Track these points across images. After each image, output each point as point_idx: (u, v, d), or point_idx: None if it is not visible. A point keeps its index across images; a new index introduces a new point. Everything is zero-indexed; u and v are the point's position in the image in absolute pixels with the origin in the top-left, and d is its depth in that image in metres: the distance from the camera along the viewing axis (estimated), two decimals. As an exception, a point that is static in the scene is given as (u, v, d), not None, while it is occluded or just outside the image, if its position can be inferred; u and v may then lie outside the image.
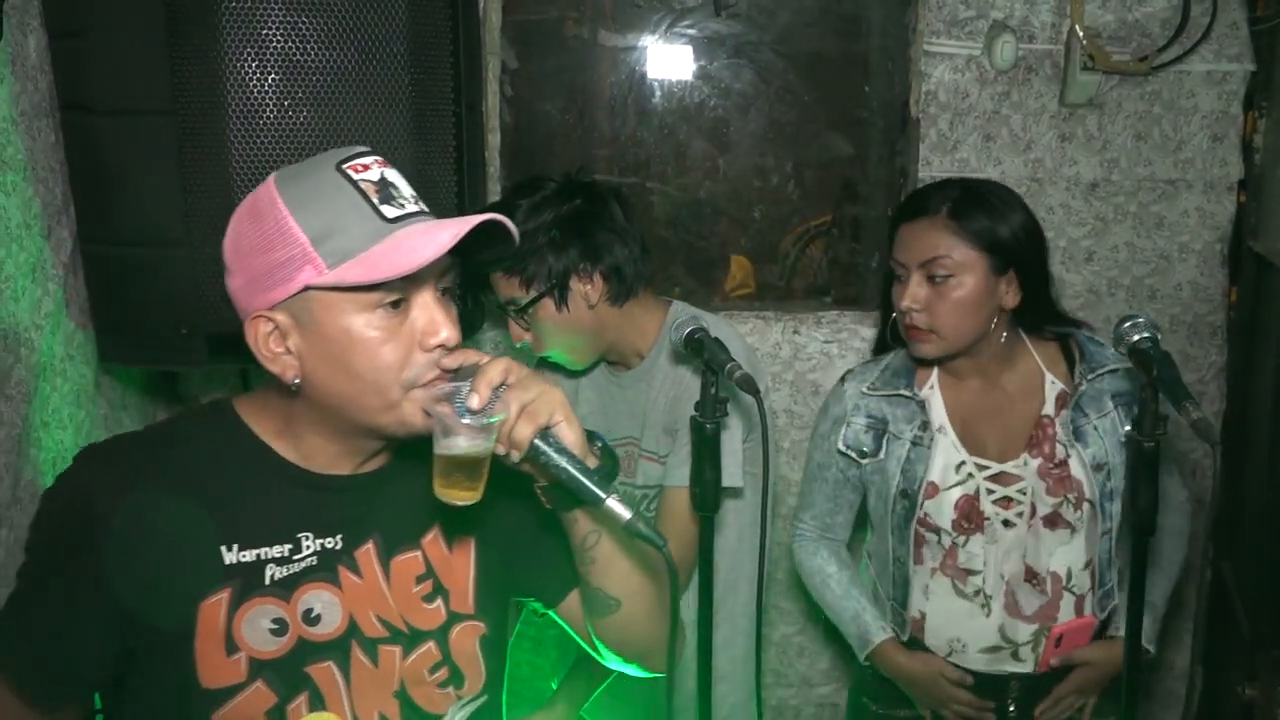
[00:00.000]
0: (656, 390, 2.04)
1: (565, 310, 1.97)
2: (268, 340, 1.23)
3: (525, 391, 1.22)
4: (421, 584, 1.37)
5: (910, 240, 2.00)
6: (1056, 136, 2.77)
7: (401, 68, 1.98)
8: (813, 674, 3.03)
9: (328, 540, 1.32)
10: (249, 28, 1.86)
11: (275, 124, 1.90)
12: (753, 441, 2.00)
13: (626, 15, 2.81)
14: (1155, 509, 1.62)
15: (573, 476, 1.22)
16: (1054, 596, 2.05)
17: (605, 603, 1.40)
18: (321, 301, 1.20)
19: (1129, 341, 1.64)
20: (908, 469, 2.06)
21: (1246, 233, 2.80)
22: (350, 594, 1.33)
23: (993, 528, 2.03)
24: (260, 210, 1.22)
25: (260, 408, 1.33)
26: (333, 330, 1.20)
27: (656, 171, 2.89)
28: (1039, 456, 2.02)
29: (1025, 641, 2.07)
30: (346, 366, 1.21)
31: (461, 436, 1.19)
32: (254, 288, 1.22)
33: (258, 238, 1.21)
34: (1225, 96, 2.75)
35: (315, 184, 1.22)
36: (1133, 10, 2.70)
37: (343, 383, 1.22)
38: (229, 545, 1.27)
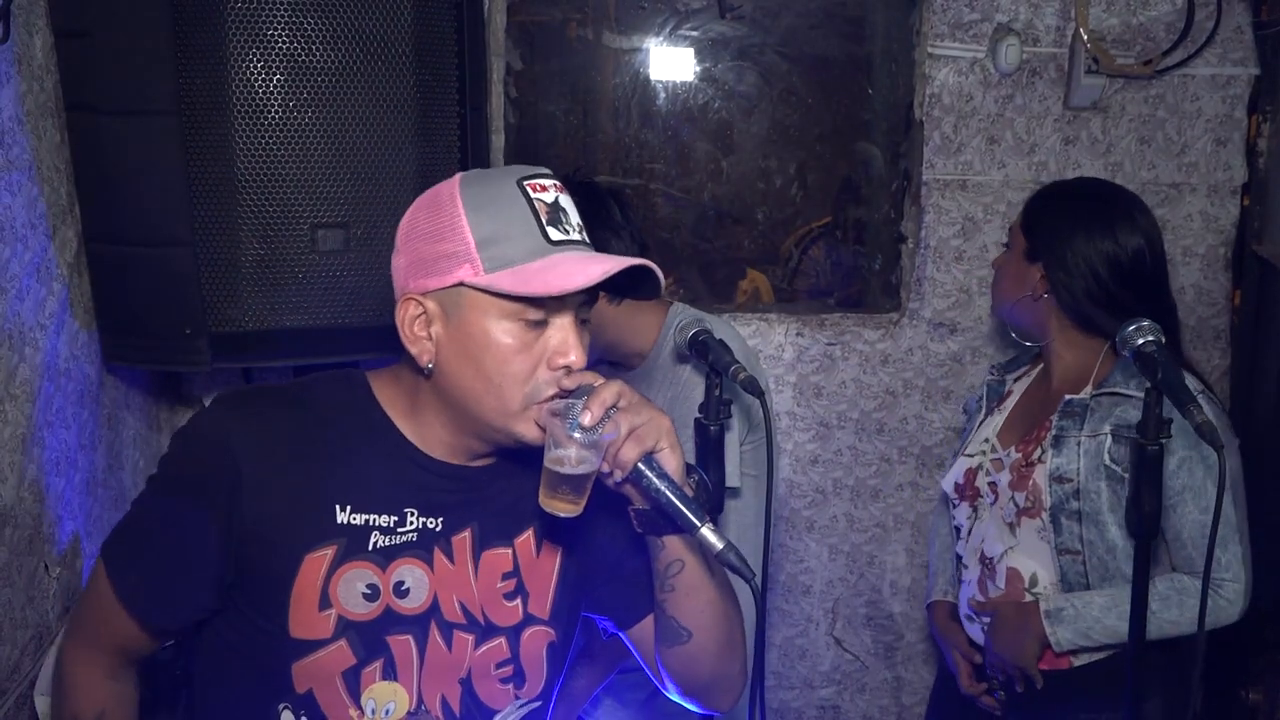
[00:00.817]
0: (656, 391, 2.04)
1: None
2: (414, 322, 1.30)
3: (635, 415, 1.26)
4: (506, 581, 1.41)
5: None
6: (1060, 139, 2.77)
7: (406, 69, 1.98)
8: (814, 676, 3.03)
9: (429, 520, 1.36)
10: (254, 28, 1.86)
11: (280, 124, 1.90)
12: (753, 443, 2.00)
13: (630, 17, 2.81)
14: (1158, 512, 1.62)
15: (670, 501, 1.25)
16: (1012, 593, 2.06)
17: (678, 632, 1.41)
18: (471, 299, 1.26)
19: (1133, 345, 1.63)
20: (964, 435, 2.26)
21: (1250, 236, 2.80)
22: (440, 575, 1.36)
23: (982, 504, 2.13)
24: (440, 202, 1.29)
25: (390, 385, 1.38)
26: (474, 328, 1.27)
27: (660, 173, 2.89)
28: (1020, 452, 2.06)
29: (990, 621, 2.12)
30: (478, 364, 1.27)
31: (571, 450, 1.24)
32: (414, 271, 1.30)
33: (430, 227, 1.29)
34: (1229, 100, 2.75)
35: (494, 192, 1.29)
36: (1137, 14, 2.70)
37: (470, 378, 1.28)
38: (343, 505, 1.32)
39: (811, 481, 2.93)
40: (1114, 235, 1.99)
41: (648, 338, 2.07)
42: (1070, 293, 2.01)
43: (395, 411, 1.37)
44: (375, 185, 1.99)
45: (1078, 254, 1.99)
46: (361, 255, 2.01)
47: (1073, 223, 2.01)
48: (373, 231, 2.01)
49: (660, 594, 1.40)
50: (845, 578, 3.00)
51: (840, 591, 3.01)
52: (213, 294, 1.93)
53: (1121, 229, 1.99)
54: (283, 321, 1.99)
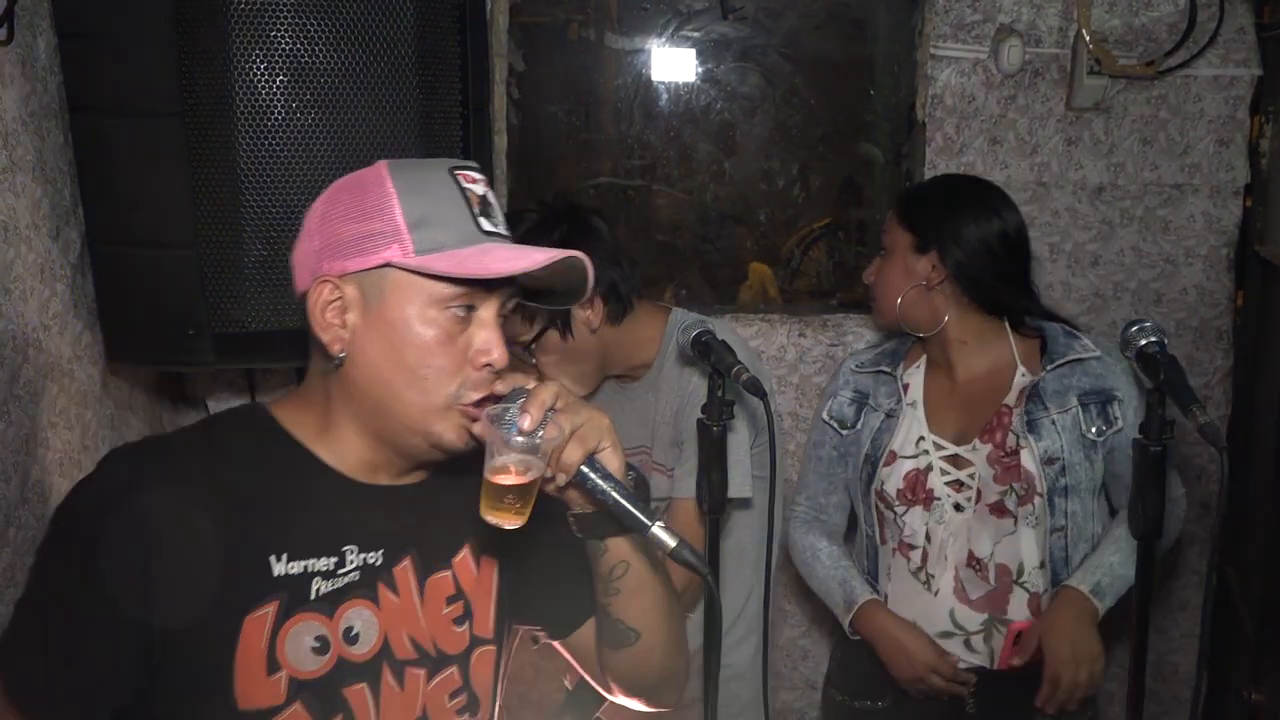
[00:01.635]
0: (663, 400, 2.03)
1: (570, 338, 1.95)
2: (328, 308, 1.21)
3: (575, 415, 1.20)
4: (452, 606, 1.34)
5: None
6: (1063, 140, 2.77)
7: (409, 70, 1.98)
8: (816, 677, 3.03)
9: (370, 555, 1.27)
10: (257, 30, 1.86)
11: (283, 125, 1.90)
12: (760, 446, 2.00)
13: (633, 18, 2.81)
14: (1161, 514, 1.62)
15: (619, 503, 1.21)
16: (1001, 588, 2.06)
17: (625, 634, 1.37)
18: (397, 282, 1.20)
19: (1136, 346, 1.64)
20: (877, 438, 2.17)
21: (1253, 237, 2.80)
22: (387, 613, 1.28)
23: (942, 508, 2.08)
24: (366, 184, 1.22)
25: (298, 409, 1.29)
26: (397, 314, 1.20)
27: (662, 174, 2.89)
28: (990, 444, 2.06)
29: (976, 630, 2.08)
30: (399, 355, 1.20)
31: (513, 457, 1.17)
32: (331, 252, 1.21)
33: (355, 207, 1.21)
34: (1232, 101, 2.75)
35: (426, 177, 1.24)
36: (1139, 15, 2.70)
37: (390, 370, 1.21)
38: (279, 555, 1.21)
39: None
40: (998, 214, 2.09)
41: (651, 347, 2.06)
42: (972, 273, 2.06)
43: (307, 435, 1.26)
44: (378, 186, 2.00)
45: (971, 236, 2.06)
46: (364, 256, 2.01)
47: (958, 210, 2.09)
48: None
49: (605, 598, 1.35)
50: (847, 578, 3.00)
51: (842, 592, 3.01)
52: (215, 295, 1.93)
53: (1001, 209, 2.10)
54: (285, 322, 1.99)
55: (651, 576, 1.34)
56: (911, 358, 2.21)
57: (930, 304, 2.10)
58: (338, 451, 1.26)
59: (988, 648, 2.08)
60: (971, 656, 2.09)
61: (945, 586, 2.09)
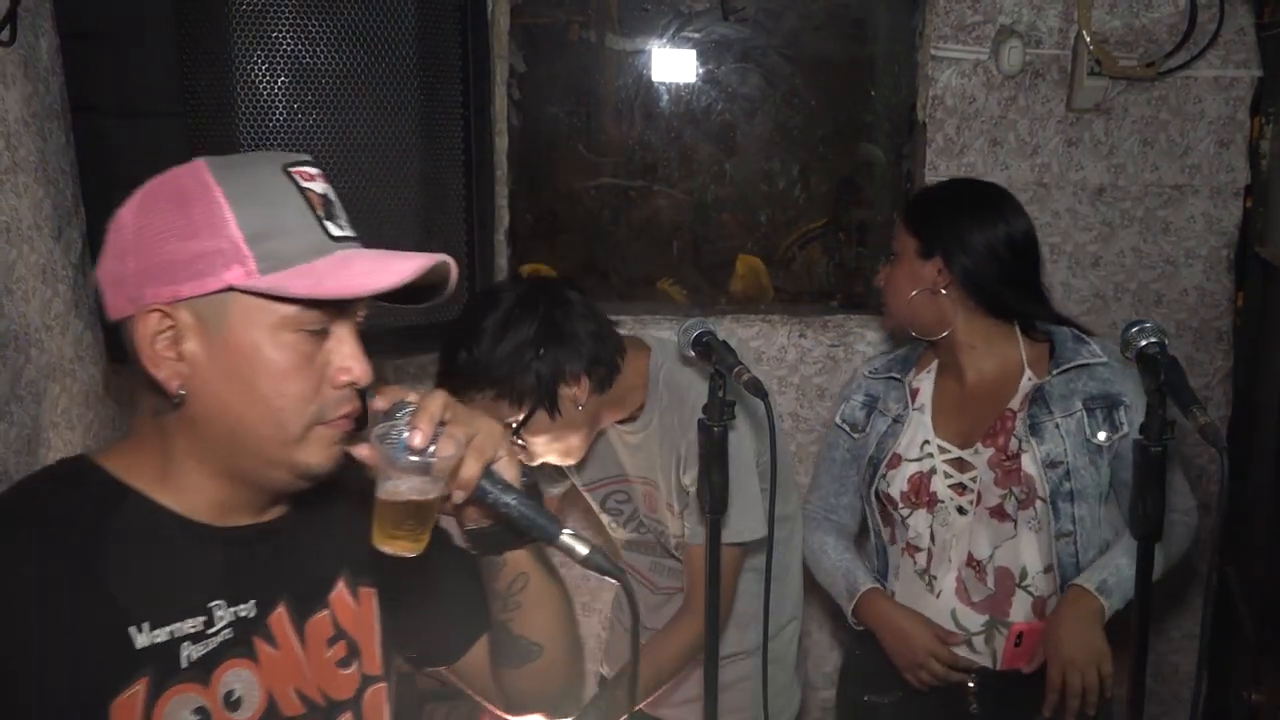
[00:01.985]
0: (666, 444, 2.02)
1: (558, 416, 1.91)
2: (158, 339, 1.06)
3: (468, 425, 1.11)
4: (334, 647, 1.22)
5: None
6: (1063, 141, 2.77)
7: (410, 71, 1.98)
8: (817, 677, 3.03)
9: (241, 608, 1.14)
10: (259, 30, 1.86)
11: (285, 126, 1.90)
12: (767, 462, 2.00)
13: (633, 19, 2.81)
14: (1162, 515, 1.62)
15: (524, 514, 1.14)
16: (1002, 591, 2.06)
17: (528, 650, 1.30)
18: (241, 307, 1.06)
19: (1136, 346, 1.64)
20: (883, 441, 2.19)
21: (1253, 238, 2.80)
22: (268, 668, 1.15)
23: (945, 511, 2.09)
24: (187, 193, 1.06)
25: (131, 456, 1.13)
26: (243, 342, 1.06)
27: (663, 175, 2.90)
28: (992, 447, 2.06)
29: (977, 631, 2.09)
30: (249, 386, 1.07)
31: (409, 479, 1.08)
32: (156, 277, 1.05)
33: (179, 222, 1.05)
34: (1232, 102, 2.75)
35: (259, 180, 1.09)
36: (1140, 16, 2.70)
37: (240, 404, 1.07)
38: (139, 625, 1.06)
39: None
40: (1004, 219, 2.09)
41: (639, 389, 2.03)
42: (978, 278, 2.06)
43: (148, 483, 1.11)
44: (379, 187, 2.00)
45: (977, 241, 2.07)
46: (365, 257, 2.02)
47: (964, 215, 2.09)
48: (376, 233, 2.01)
49: (503, 614, 1.27)
50: (848, 579, 3.00)
51: (843, 593, 3.01)
52: (216, 295, 1.94)
53: (1008, 214, 2.10)
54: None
55: (551, 586, 1.29)
56: (923, 363, 2.22)
57: (938, 308, 2.10)
58: (187, 497, 1.12)
59: (989, 649, 2.09)
60: (974, 657, 2.10)
61: (947, 588, 2.10)
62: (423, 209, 2.07)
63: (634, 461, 2.11)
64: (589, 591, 2.94)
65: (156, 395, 1.09)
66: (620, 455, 2.13)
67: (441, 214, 2.10)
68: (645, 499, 2.14)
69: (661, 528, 2.15)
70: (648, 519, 2.17)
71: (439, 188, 2.08)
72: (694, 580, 2.00)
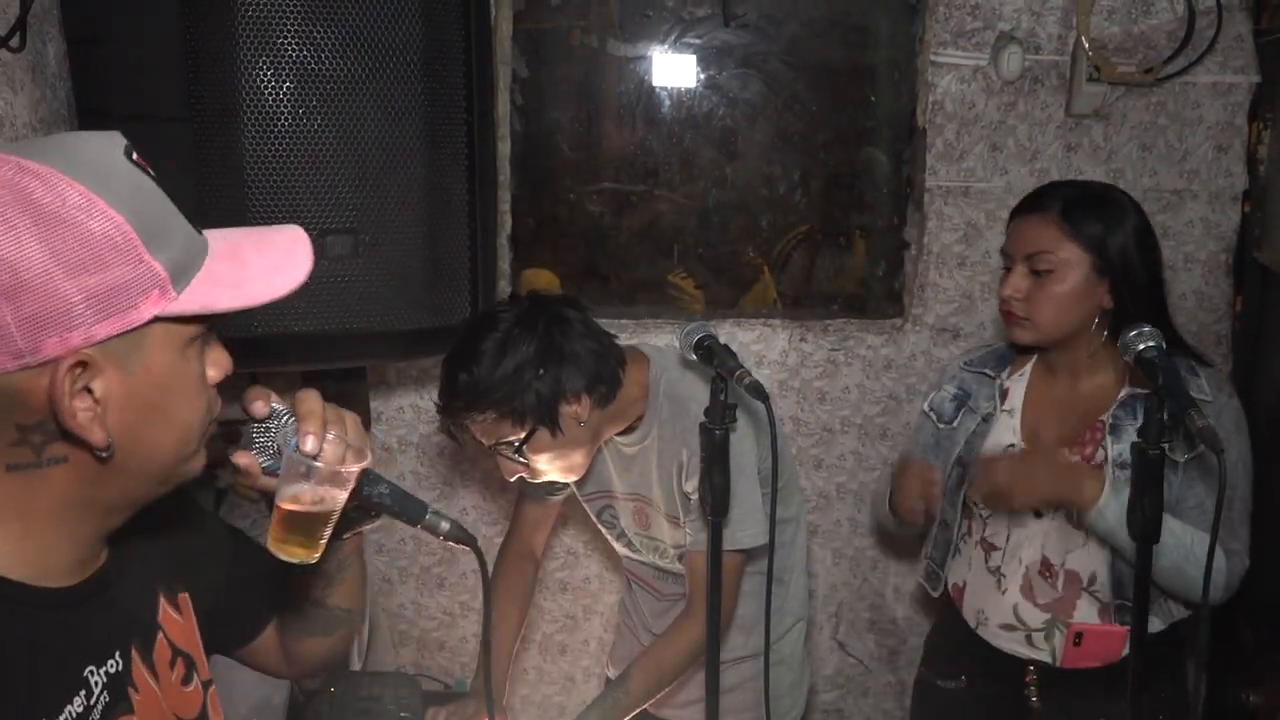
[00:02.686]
0: (665, 454, 2.03)
1: (560, 435, 1.91)
2: (77, 394, 0.90)
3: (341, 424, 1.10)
4: (175, 668, 1.15)
5: (1020, 233, 2.06)
6: (1062, 146, 2.79)
7: (415, 76, 2.00)
8: (818, 680, 3.05)
9: (109, 665, 1.03)
10: (265, 36, 1.88)
11: (290, 132, 1.92)
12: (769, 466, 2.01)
13: (636, 25, 2.83)
14: (1160, 517, 1.63)
15: (397, 501, 1.19)
16: (1068, 594, 2.07)
17: (340, 619, 1.36)
18: (158, 336, 0.94)
19: (1134, 350, 1.65)
20: (972, 440, 2.15)
21: (1251, 243, 2.82)
22: (143, 712, 1.07)
23: (1024, 513, 2.08)
24: (55, 215, 0.86)
25: None
26: (160, 371, 0.95)
27: (664, 180, 2.91)
28: (1077, 455, 2.05)
29: (1038, 628, 2.09)
30: (165, 411, 0.97)
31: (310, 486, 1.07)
32: (61, 321, 0.87)
33: (73, 250, 0.87)
34: (1230, 108, 2.77)
35: (122, 178, 0.93)
36: (1138, 22, 2.72)
37: (161, 435, 0.97)
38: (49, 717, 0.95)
39: (815, 486, 2.94)
40: (1155, 239, 2.05)
41: (639, 400, 2.03)
42: (1140, 301, 1.99)
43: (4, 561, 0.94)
44: (383, 192, 2.01)
45: (1143, 263, 2.00)
46: (369, 261, 2.03)
47: (1130, 232, 2.00)
48: (380, 238, 2.03)
49: (323, 590, 1.31)
50: (849, 582, 3.02)
51: (844, 595, 3.02)
52: (221, 299, 1.95)
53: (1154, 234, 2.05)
54: (291, 327, 2.01)
55: (363, 559, 1.35)
56: (1018, 364, 2.19)
57: (1086, 324, 2.03)
58: (43, 565, 0.97)
59: (1049, 645, 2.10)
60: (1033, 652, 2.11)
61: (1013, 585, 2.11)
62: (426, 213, 2.08)
63: (627, 477, 2.12)
64: (590, 595, 2.95)
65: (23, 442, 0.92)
66: (612, 470, 2.14)
67: (444, 218, 2.11)
68: (636, 516, 2.15)
69: (656, 543, 2.15)
70: (637, 536, 2.18)
71: (442, 192, 2.10)
72: (696, 585, 2.01)
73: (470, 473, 2.87)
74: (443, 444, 2.84)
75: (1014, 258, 2.05)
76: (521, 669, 2.98)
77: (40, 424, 0.91)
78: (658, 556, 2.18)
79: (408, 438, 2.83)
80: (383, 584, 2.88)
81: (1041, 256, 2.00)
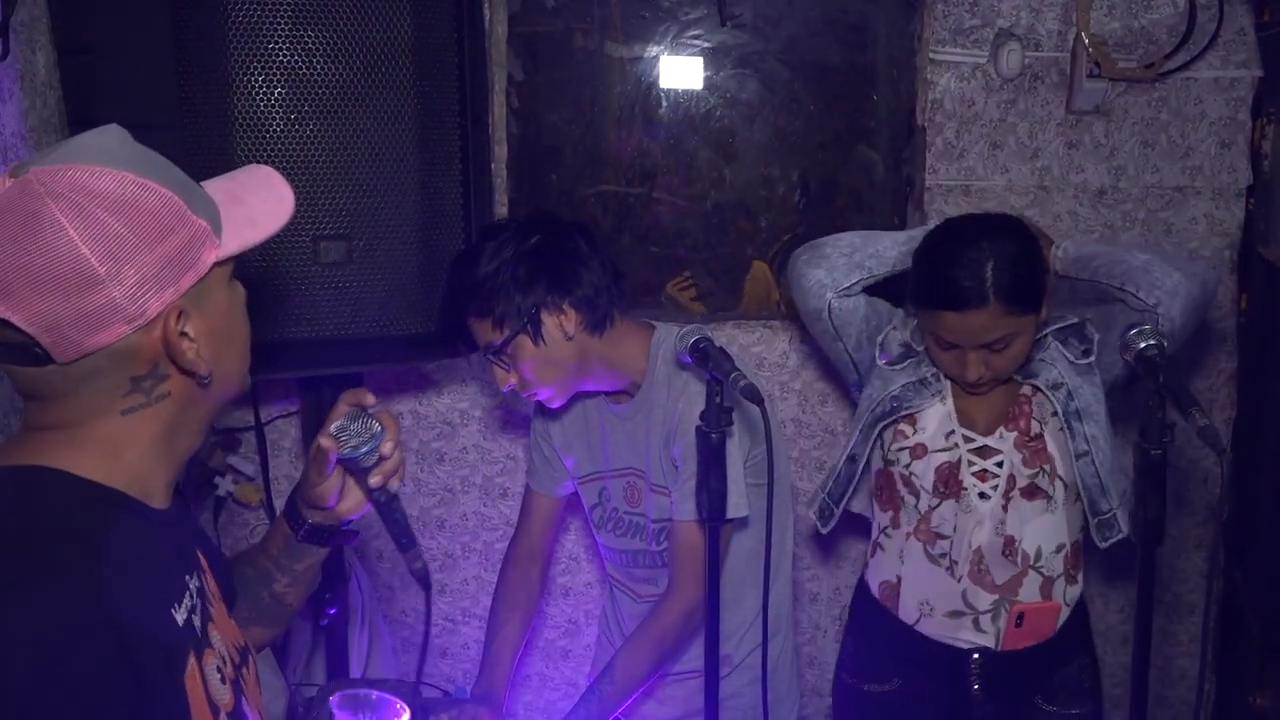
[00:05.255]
0: (655, 420, 2.03)
1: (542, 344, 1.93)
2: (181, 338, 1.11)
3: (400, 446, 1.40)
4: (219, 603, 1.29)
5: (964, 327, 1.99)
6: (1064, 144, 2.77)
7: (407, 81, 1.99)
8: (823, 684, 3.03)
9: (191, 578, 1.20)
10: (255, 42, 1.87)
11: (282, 137, 1.92)
12: (757, 456, 2.00)
13: (633, 26, 2.81)
14: (1164, 519, 1.62)
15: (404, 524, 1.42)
16: (1020, 571, 2.10)
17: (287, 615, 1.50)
18: (217, 278, 1.14)
19: (1135, 349, 1.64)
20: (906, 393, 2.15)
21: (1256, 239, 2.79)
22: (219, 624, 1.24)
23: (969, 498, 2.10)
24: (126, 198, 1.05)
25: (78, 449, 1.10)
26: (222, 303, 1.17)
27: (663, 181, 2.89)
28: (1015, 430, 2.10)
29: (985, 610, 2.11)
30: (232, 340, 1.19)
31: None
32: (151, 285, 1.07)
33: (146, 225, 1.06)
34: (1233, 103, 2.75)
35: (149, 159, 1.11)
36: (1139, 17, 2.70)
37: (235, 354, 1.20)
38: (175, 606, 1.13)
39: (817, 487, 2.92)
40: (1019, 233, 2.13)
41: (638, 364, 2.05)
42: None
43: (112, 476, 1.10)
44: (377, 197, 2.01)
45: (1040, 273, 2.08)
46: (364, 267, 2.03)
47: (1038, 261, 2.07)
48: (375, 243, 2.03)
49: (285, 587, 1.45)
50: (852, 584, 2.99)
51: (847, 598, 3.00)
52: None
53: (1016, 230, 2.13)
54: (287, 333, 2.00)
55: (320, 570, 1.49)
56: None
57: None
58: (148, 487, 1.15)
59: (995, 627, 2.12)
60: (978, 637, 2.13)
61: (963, 570, 2.12)
62: (420, 218, 2.07)
63: (619, 448, 2.11)
64: (593, 599, 2.94)
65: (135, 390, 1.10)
66: (607, 442, 2.14)
67: (439, 223, 2.11)
68: (627, 492, 2.14)
69: (639, 519, 2.14)
70: (627, 515, 2.16)
71: (436, 196, 2.09)
72: (678, 555, 2.00)
73: (470, 479, 2.86)
74: (442, 450, 2.83)
75: (963, 347, 2.02)
76: (524, 675, 2.97)
77: (151, 371, 1.11)
78: (639, 538, 2.16)
79: (407, 444, 2.82)
80: (384, 590, 2.87)
81: (998, 341, 1.99)
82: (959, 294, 1.96)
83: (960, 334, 1.99)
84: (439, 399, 2.82)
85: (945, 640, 2.15)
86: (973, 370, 2.02)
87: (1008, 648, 2.12)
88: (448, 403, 2.82)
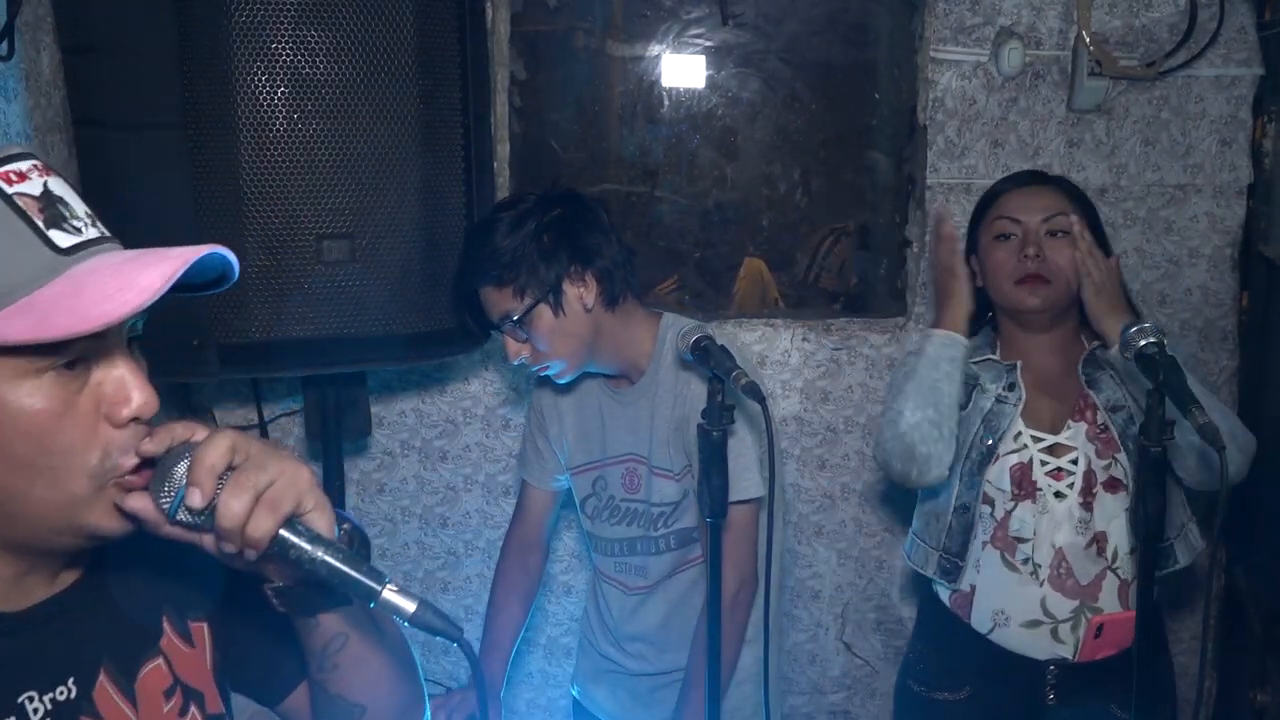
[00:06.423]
0: (661, 404, 2.03)
1: (562, 315, 1.94)
2: None
3: (260, 473, 0.94)
4: (172, 699, 1.08)
5: (1030, 201, 2.15)
6: (1064, 142, 2.77)
7: (409, 80, 2.00)
8: (824, 681, 3.03)
9: (57, 693, 0.99)
10: (259, 42, 1.88)
11: (285, 136, 1.92)
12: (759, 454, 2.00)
13: (635, 25, 2.82)
14: (1164, 515, 1.63)
15: (337, 570, 0.96)
16: (1101, 572, 2.07)
17: (347, 711, 1.15)
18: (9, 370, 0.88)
19: (1135, 347, 1.65)
20: (990, 420, 2.13)
21: (1257, 237, 2.79)
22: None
23: (1044, 498, 2.08)
24: None
25: None
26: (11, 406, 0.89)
27: (665, 180, 2.90)
28: (1082, 420, 2.09)
29: (1065, 619, 2.08)
30: (7, 454, 0.90)
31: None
32: None
33: None
34: (1234, 101, 2.75)
35: None
36: (1140, 16, 2.70)
37: (20, 482, 0.91)
38: None
39: (819, 486, 2.93)
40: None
41: (644, 349, 2.05)
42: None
43: None
44: (379, 196, 2.02)
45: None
46: (366, 265, 2.03)
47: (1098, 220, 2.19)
48: (377, 242, 2.03)
49: (320, 675, 1.12)
50: (854, 582, 3.00)
51: (849, 596, 3.01)
52: (219, 305, 1.95)
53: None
54: (289, 332, 2.01)
55: (375, 644, 1.13)
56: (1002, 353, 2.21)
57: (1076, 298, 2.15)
58: None
59: (1074, 637, 2.09)
60: (1056, 648, 2.09)
61: (1045, 574, 2.09)
62: (423, 217, 2.08)
63: (619, 435, 2.11)
64: (595, 597, 2.94)
65: None
66: (606, 430, 2.14)
67: (442, 221, 2.11)
68: (625, 479, 2.13)
69: (640, 505, 2.12)
70: (625, 502, 2.15)
71: (439, 195, 2.10)
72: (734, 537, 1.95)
73: (473, 477, 2.87)
74: (445, 448, 2.84)
75: (1025, 223, 2.12)
76: (526, 672, 2.97)
77: None
78: (637, 524, 2.14)
79: (410, 442, 2.83)
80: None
81: (1057, 219, 2.11)
82: (1023, 175, 2.24)
83: (1021, 208, 2.13)
84: (441, 397, 2.83)
85: (1020, 650, 2.12)
86: (1031, 245, 2.10)
87: (1085, 658, 2.08)
88: (450, 401, 2.83)
